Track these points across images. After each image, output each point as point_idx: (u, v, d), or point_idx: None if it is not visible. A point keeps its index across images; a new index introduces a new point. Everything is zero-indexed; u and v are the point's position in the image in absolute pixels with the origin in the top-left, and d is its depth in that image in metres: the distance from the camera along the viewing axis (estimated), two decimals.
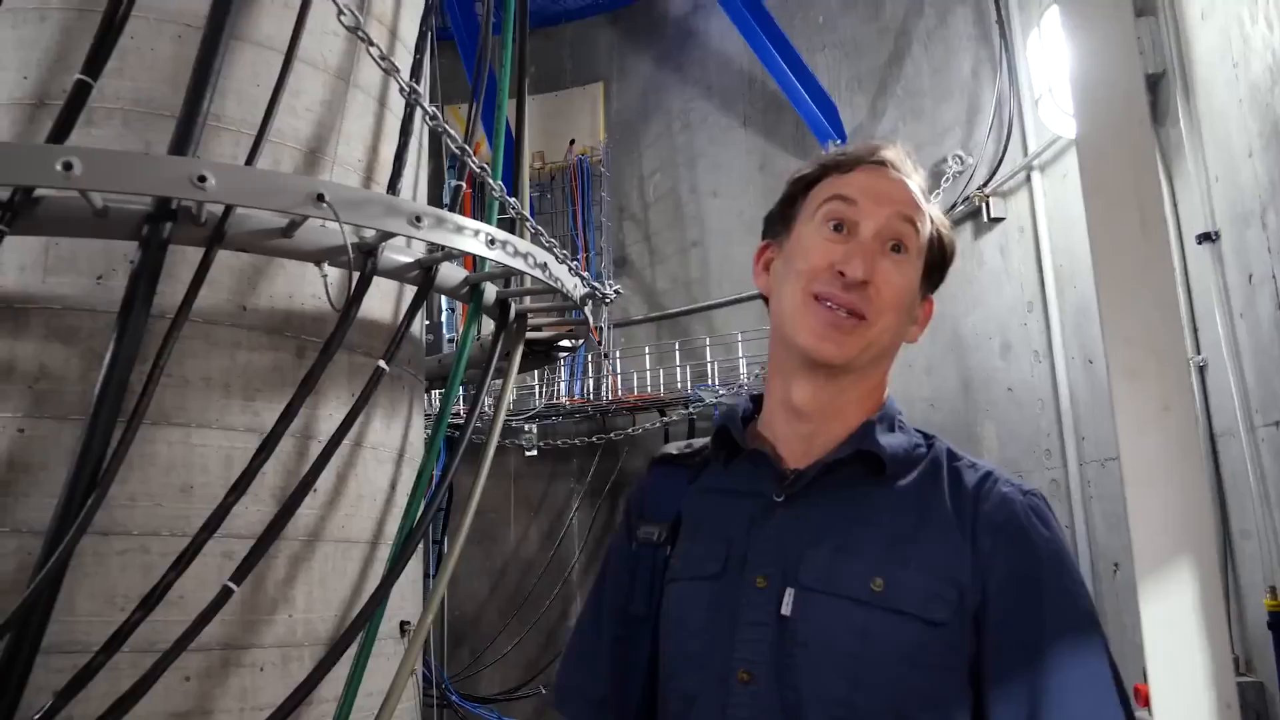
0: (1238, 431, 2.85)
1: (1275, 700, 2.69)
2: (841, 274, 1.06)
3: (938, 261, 1.16)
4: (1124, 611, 3.59)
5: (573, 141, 6.76)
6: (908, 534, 1.03)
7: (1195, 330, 3.14)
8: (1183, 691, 0.98)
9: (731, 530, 1.09)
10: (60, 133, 2.21)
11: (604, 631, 1.20)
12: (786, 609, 1.01)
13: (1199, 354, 3.11)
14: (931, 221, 1.15)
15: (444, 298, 5.37)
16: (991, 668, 0.99)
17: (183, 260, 2.33)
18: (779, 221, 1.20)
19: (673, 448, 1.26)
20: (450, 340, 5.67)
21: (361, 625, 2.49)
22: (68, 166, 1.95)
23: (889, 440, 1.08)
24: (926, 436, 1.13)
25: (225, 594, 2.21)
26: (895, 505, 1.05)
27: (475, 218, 2.61)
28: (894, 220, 1.10)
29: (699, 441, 1.25)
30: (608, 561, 1.26)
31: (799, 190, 1.19)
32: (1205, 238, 2.97)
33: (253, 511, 2.41)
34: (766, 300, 1.19)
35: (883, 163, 1.15)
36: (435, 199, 4.38)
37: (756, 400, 1.22)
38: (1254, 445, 2.78)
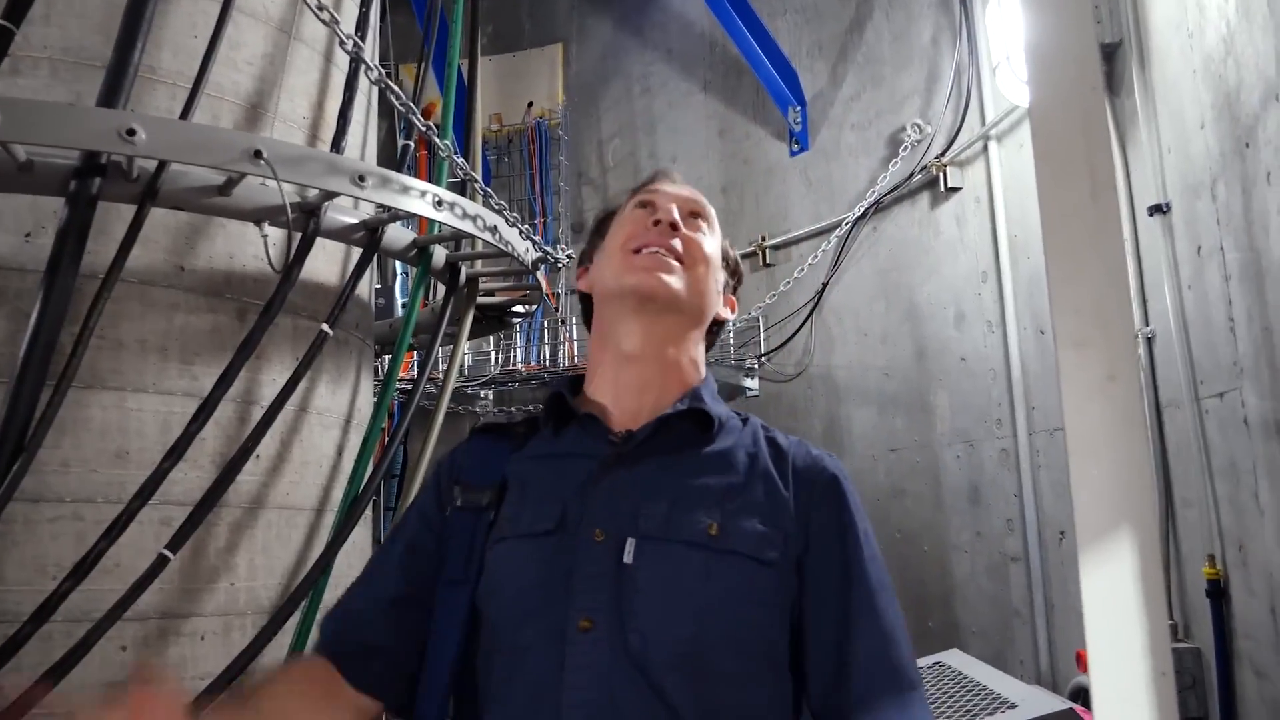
0: (1183, 402, 2.88)
1: (1211, 666, 2.75)
2: (656, 222, 1.20)
3: (729, 265, 1.33)
4: (1069, 579, 3.65)
5: (530, 104, 6.65)
6: (737, 487, 1.11)
7: (1145, 301, 3.16)
8: (1120, 659, 0.99)
9: (564, 490, 1.12)
10: None
11: (388, 585, 1.18)
12: (628, 557, 1.05)
13: (1148, 325, 3.14)
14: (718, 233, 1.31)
15: (396, 262, 5.28)
16: (811, 603, 1.08)
17: (117, 218, 2.24)
18: (592, 245, 1.34)
19: (496, 419, 1.33)
20: (403, 304, 5.58)
21: (305, 593, 2.46)
22: None
23: (715, 407, 1.18)
24: (737, 413, 1.24)
25: (161, 562, 2.16)
26: (723, 463, 1.13)
27: (427, 179, 2.54)
28: (690, 201, 1.26)
29: (520, 415, 1.31)
30: (404, 519, 1.24)
31: (607, 218, 1.33)
32: (1156, 209, 2.98)
33: (191, 478, 2.35)
34: (587, 304, 1.30)
35: (667, 175, 1.32)
36: (390, 159, 4.28)
37: (574, 381, 1.27)
38: (1198, 416, 2.81)
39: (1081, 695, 2.96)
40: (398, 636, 1.14)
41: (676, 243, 1.19)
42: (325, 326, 2.43)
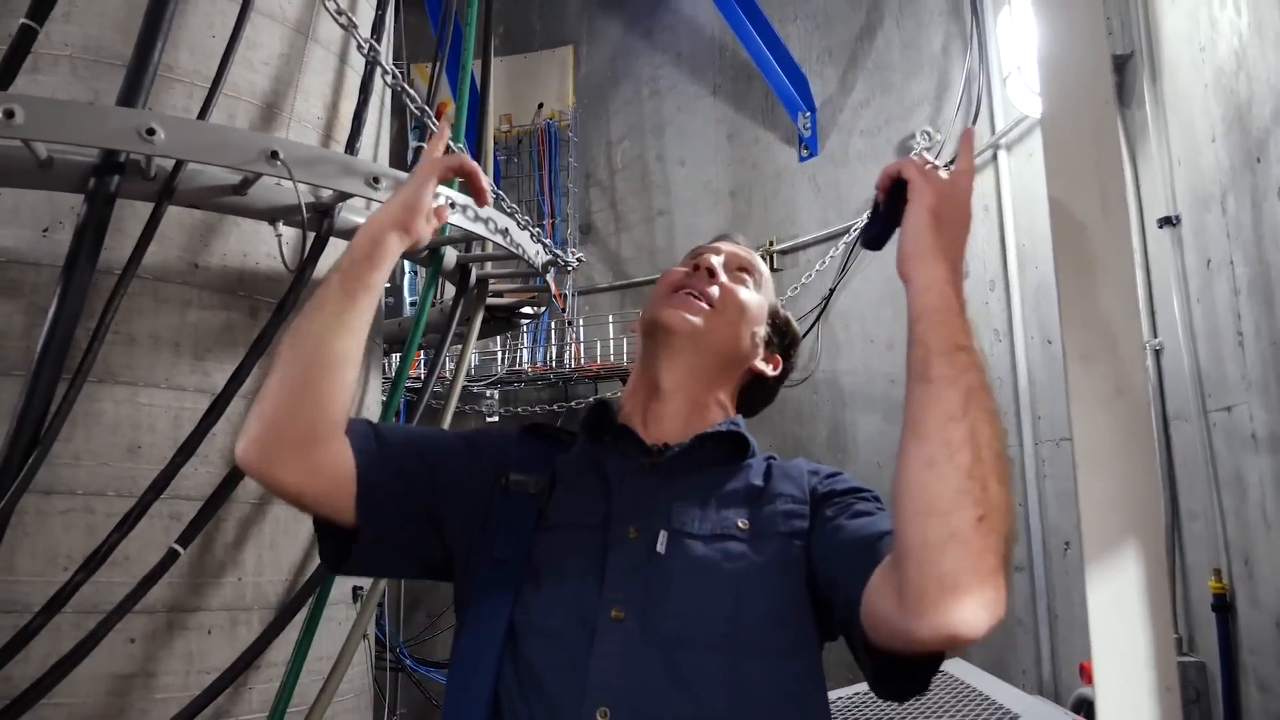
0: (1190, 415, 2.89)
1: (1216, 679, 2.75)
2: (695, 267, 1.29)
3: (779, 326, 1.37)
4: (1073, 589, 3.66)
5: (540, 105, 6.67)
6: (761, 490, 1.19)
7: (1153, 313, 3.17)
8: (1125, 672, 1.00)
9: (606, 488, 1.18)
10: (3, 79, 2.13)
11: (414, 439, 1.24)
12: (660, 547, 1.10)
13: (1155, 337, 3.14)
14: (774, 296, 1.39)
15: (405, 261, 5.30)
16: (819, 534, 1.14)
17: (132, 215, 2.26)
18: None
19: (544, 423, 1.36)
20: (412, 304, 5.60)
21: (312, 590, 2.47)
22: (9, 114, 1.88)
23: (750, 437, 1.26)
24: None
25: (172, 556, 2.18)
26: (748, 475, 1.21)
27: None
28: (738, 257, 1.35)
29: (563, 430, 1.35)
30: (444, 431, 1.31)
31: None
32: (1166, 221, 2.98)
33: (202, 473, 2.37)
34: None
35: (729, 236, 1.41)
36: (400, 159, 4.30)
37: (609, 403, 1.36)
38: (1205, 429, 2.82)
39: (1084, 707, 2.97)
40: (401, 499, 1.16)
41: (713, 289, 1.27)
42: None
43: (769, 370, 1.35)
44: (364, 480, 1.13)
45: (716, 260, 1.30)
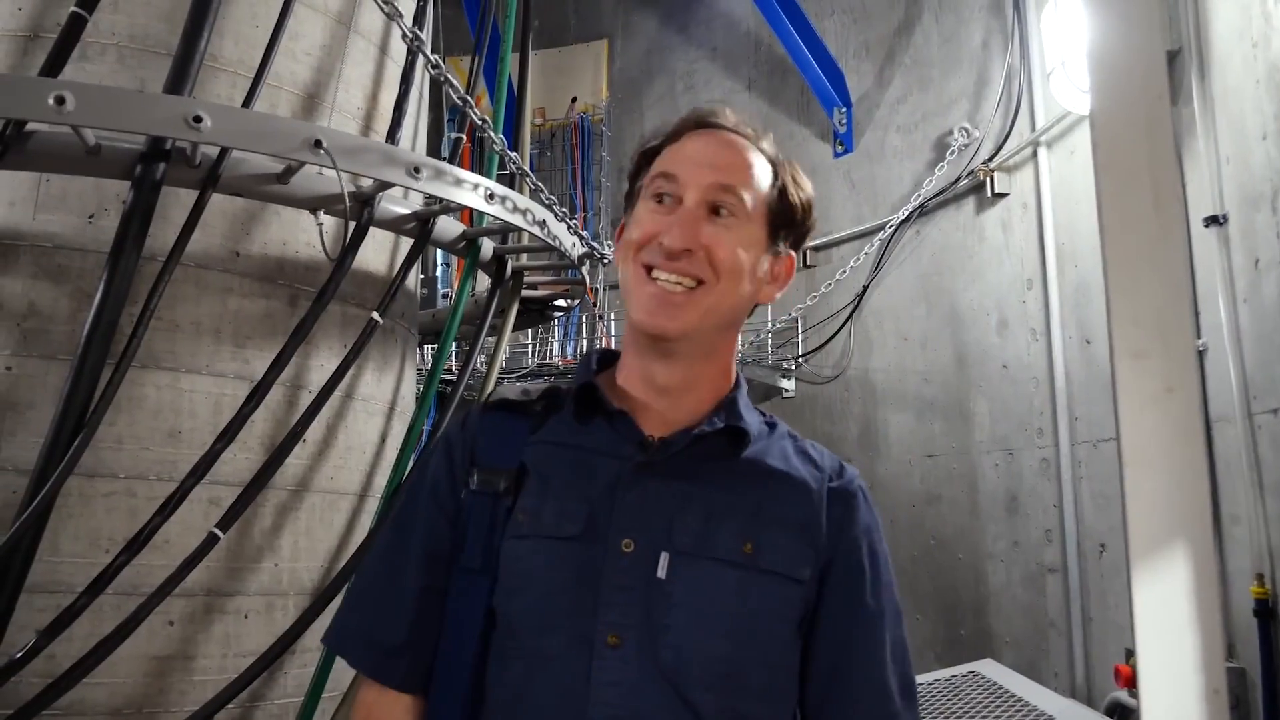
0: (1234, 417, 2.84)
1: (1256, 686, 2.71)
2: (662, 244, 1.07)
3: (787, 217, 1.15)
4: (1108, 591, 3.61)
5: (574, 99, 6.68)
6: (769, 499, 1.09)
7: (1197, 314, 3.12)
8: (1171, 676, 0.98)
9: (591, 491, 1.07)
10: (54, 66, 2.16)
11: (409, 577, 1.11)
12: (661, 572, 1.02)
13: (1200, 338, 3.09)
14: (778, 176, 1.14)
15: (439, 252, 5.33)
16: (821, 617, 1.08)
17: (176, 202, 2.29)
18: (627, 196, 1.21)
19: (510, 393, 1.20)
20: (444, 295, 5.63)
21: (347, 576, 2.49)
22: (60, 101, 1.91)
23: (749, 419, 1.13)
24: (763, 414, 1.19)
25: (211, 540, 2.20)
26: (756, 474, 1.11)
27: (473, 172, 2.57)
28: (713, 190, 1.09)
29: (535, 389, 1.20)
30: (414, 501, 1.16)
31: (642, 164, 1.19)
32: (1213, 220, 2.94)
33: (240, 459, 2.40)
34: None
35: (710, 125, 1.15)
36: (434, 151, 4.32)
37: (606, 355, 1.22)
38: (1250, 432, 2.77)
39: (1118, 711, 2.94)
40: (423, 629, 1.10)
41: (694, 262, 1.07)
42: (376, 315, 2.46)
43: (777, 292, 1.18)
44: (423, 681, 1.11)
45: (682, 237, 1.06)
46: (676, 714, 0.99)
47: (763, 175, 1.13)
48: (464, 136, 3.13)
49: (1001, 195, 4.55)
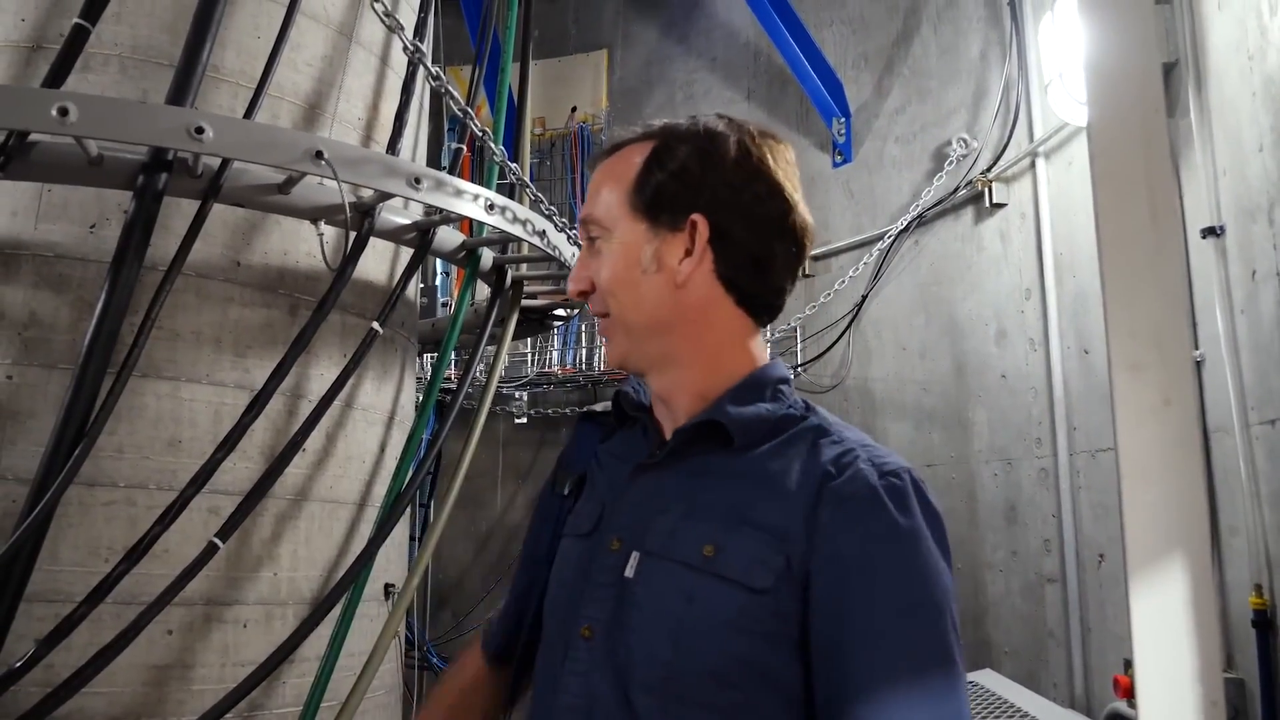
0: (1232, 428, 2.84)
1: (1255, 697, 2.70)
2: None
3: (655, 191, 1.07)
4: (1107, 602, 3.61)
5: (574, 109, 6.70)
6: (747, 501, 1.01)
7: (1194, 325, 3.13)
8: (1169, 686, 0.98)
9: (606, 493, 1.15)
10: (56, 77, 2.18)
11: (519, 574, 1.29)
12: (630, 571, 1.04)
13: (1197, 349, 3.10)
14: (652, 155, 1.09)
15: (439, 261, 5.34)
16: (811, 640, 0.96)
17: (177, 212, 2.30)
18: None
19: (599, 406, 1.29)
20: (444, 304, 5.63)
21: (346, 586, 2.50)
22: (63, 112, 1.92)
23: (742, 410, 1.06)
24: (808, 407, 1.12)
25: (211, 550, 2.20)
26: (742, 472, 1.04)
27: (473, 182, 2.58)
28: (581, 230, 1.15)
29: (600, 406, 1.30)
30: (534, 511, 1.31)
31: None
32: (1210, 232, 2.94)
33: (240, 468, 2.40)
34: None
35: (595, 161, 1.17)
36: (434, 160, 4.34)
37: None
38: (1248, 443, 2.77)
39: None
40: (514, 617, 1.27)
41: (594, 301, 1.12)
42: (376, 325, 2.47)
43: (692, 266, 1.06)
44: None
45: (573, 284, 1.14)
46: (620, 711, 1.00)
47: (623, 174, 1.10)
48: (464, 147, 3.14)
49: (1000, 205, 4.56)
